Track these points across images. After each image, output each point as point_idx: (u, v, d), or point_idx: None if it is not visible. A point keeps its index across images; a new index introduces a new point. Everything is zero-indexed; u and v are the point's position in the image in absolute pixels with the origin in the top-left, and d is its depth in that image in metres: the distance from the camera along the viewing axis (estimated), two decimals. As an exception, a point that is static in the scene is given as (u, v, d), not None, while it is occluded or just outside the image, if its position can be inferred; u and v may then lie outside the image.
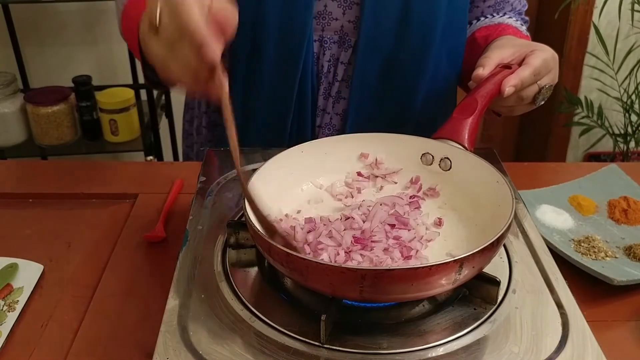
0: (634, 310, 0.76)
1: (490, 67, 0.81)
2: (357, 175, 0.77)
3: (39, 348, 0.70)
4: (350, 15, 0.90)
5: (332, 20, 0.91)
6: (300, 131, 0.96)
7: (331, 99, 0.95)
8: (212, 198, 0.78)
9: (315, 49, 0.92)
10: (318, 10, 0.90)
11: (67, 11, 2.17)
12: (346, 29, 0.91)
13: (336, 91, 0.95)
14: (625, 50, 2.21)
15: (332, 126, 0.97)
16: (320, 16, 0.90)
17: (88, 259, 0.84)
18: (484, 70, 0.80)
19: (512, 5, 1.03)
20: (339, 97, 0.95)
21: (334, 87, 0.94)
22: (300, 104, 0.94)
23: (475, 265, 0.57)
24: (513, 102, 0.82)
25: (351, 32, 0.91)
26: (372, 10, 0.88)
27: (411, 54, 0.92)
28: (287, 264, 0.57)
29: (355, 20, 0.90)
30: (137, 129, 2.02)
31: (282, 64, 0.91)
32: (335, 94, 0.95)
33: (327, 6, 0.90)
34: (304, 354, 0.56)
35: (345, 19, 0.90)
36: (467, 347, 0.57)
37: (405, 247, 0.63)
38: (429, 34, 0.91)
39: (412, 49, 0.91)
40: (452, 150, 0.74)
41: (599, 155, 2.57)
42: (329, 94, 0.95)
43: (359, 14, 0.89)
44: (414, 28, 0.90)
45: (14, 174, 1.06)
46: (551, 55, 0.82)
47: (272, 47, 0.90)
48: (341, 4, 0.90)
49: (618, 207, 0.93)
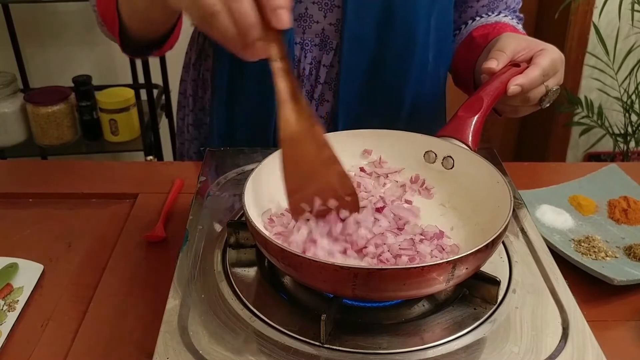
0: (634, 310, 0.76)
1: (504, 61, 0.80)
2: (359, 171, 0.77)
3: (39, 348, 0.70)
4: (331, 18, 0.90)
5: (313, 23, 0.91)
6: None
7: (314, 101, 0.95)
8: (212, 198, 0.78)
9: (296, 52, 0.92)
10: (299, 13, 0.90)
11: (67, 11, 2.17)
12: (327, 31, 0.91)
13: (319, 94, 0.95)
14: (625, 50, 2.21)
15: None
16: (300, 19, 0.90)
17: (88, 259, 0.84)
18: (497, 65, 0.79)
19: (507, 4, 1.02)
20: (322, 99, 0.95)
21: (316, 90, 0.94)
22: None
23: (469, 267, 0.57)
24: (519, 102, 0.81)
25: (332, 34, 0.91)
26: (354, 12, 0.88)
27: (396, 54, 0.92)
28: (283, 259, 0.57)
29: (336, 23, 0.90)
30: (137, 128, 2.02)
31: (264, 67, 0.91)
32: (318, 96, 0.95)
33: (307, 9, 0.90)
34: (304, 354, 0.56)
35: (327, 22, 0.90)
36: (467, 347, 0.57)
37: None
38: (412, 33, 0.91)
39: (397, 49, 0.91)
40: (455, 149, 0.74)
41: (599, 155, 2.57)
42: (311, 96, 0.95)
43: (340, 17, 0.89)
44: (396, 28, 0.89)
45: (14, 174, 1.06)
46: (558, 56, 0.81)
47: None
48: (322, 7, 0.90)
49: (618, 207, 0.93)
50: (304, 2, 0.89)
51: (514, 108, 0.84)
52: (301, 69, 0.93)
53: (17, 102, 1.93)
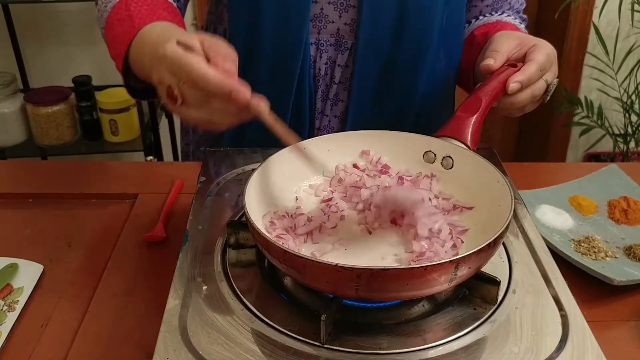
0: (634, 310, 0.76)
1: (501, 60, 0.81)
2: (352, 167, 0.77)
3: (39, 348, 0.70)
4: (347, 18, 0.90)
5: (328, 23, 0.91)
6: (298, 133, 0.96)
7: (329, 101, 0.95)
8: (212, 198, 0.78)
9: (312, 52, 0.92)
10: (314, 13, 0.90)
11: (67, 11, 2.17)
12: (342, 31, 0.91)
13: (334, 94, 0.95)
14: (625, 50, 2.21)
15: (330, 128, 0.97)
16: (316, 19, 0.90)
17: (88, 259, 0.84)
18: (495, 62, 0.80)
19: (510, 4, 1.02)
20: (337, 99, 0.95)
21: (331, 90, 0.94)
22: (297, 106, 0.94)
23: (472, 266, 0.57)
24: (525, 101, 0.81)
25: (347, 34, 0.91)
26: (369, 12, 0.88)
27: (409, 54, 0.92)
28: (285, 261, 0.57)
29: (352, 23, 0.90)
30: (137, 129, 2.02)
31: (279, 67, 0.91)
32: (333, 96, 0.95)
33: (323, 9, 0.90)
34: (304, 354, 0.56)
35: (342, 22, 0.90)
36: (467, 347, 0.57)
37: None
38: (426, 34, 0.91)
39: (410, 50, 0.91)
40: (454, 149, 0.74)
41: (599, 155, 2.57)
42: (326, 96, 0.95)
43: (355, 17, 0.89)
44: (411, 29, 0.90)
45: (14, 174, 1.06)
46: (551, 50, 0.82)
47: (269, 51, 0.90)
48: (337, 7, 0.90)
49: (618, 207, 0.93)
50: (319, 2, 0.89)
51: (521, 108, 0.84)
52: (317, 69, 0.93)
53: (17, 102, 1.94)
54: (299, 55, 0.89)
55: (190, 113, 0.64)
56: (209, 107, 0.63)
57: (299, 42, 0.89)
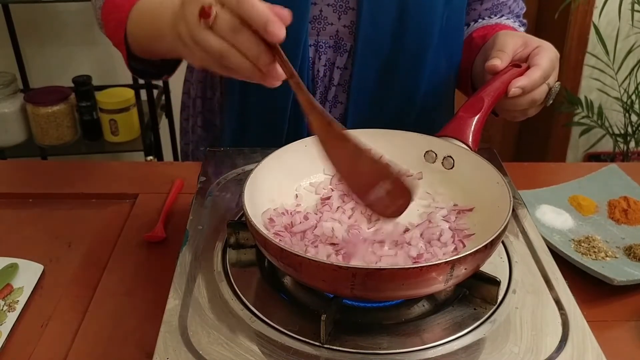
0: (634, 310, 0.76)
1: (507, 61, 0.81)
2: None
3: (39, 348, 0.70)
4: (346, 20, 0.90)
5: (327, 25, 0.91)
6: (297, 135, 0.96)
7: (328, 103, 0.95)
8: (212, 198, 0.78)
9: (311, 54, 0.92)
10: (313, 15, 0.90)
11: (67, 11, 2.17)
12: (341, 33, 0.91)
13: (333, 95, 0.94)
14: (625, 50, 2.21)
15: None
16: (315, 21, 0.90)
17: (88, 259, 0.84)
18: (501, 63, 0.80)
19: (510, 8, 1.02)
20: (336, 101, 0.95)
21: (330, 92, 0.94)
22: (296, 108, 0.94)
23: (468, 267, 0.57)
24: (526, 104, 0.81)
25: (346, 36, 0.91)
26: (369, 14, 0.87)
27: (409, 56, 0.91)
28: (282, 259, 0.57)
29: (351, 25, 0.90)
30: (137, 129, 2.02)
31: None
32: (332, 98, 0.95)
33: (322, 11, 0.90)
34: (304, 354, 0.56)
35: (341, 24, 0.90)
36: (467, 347, 0.57)
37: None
38: (426, 36, 0.91)
39: (410, 52, 0.91)
40: (455, 149, 0.74)
41: (599, 155, 2.57)
42: (325, 98, 0.95)
43: (355, 19, 0.89)
44: (411, 30, 0.89)
45: (14, 174, 1.06)
46: (554, 54, 0.82)
47: None
48: (337, 9, 0.90)
49: (618, 207, 0.93)
50: (318, 4, 0.89)
51: (523, 111, 0.84)
52: (315, 70, 0.93)
53: (17, 102, 1.94)
54: (298, 57, 0.89)
55: (210, 40, 0.58)
56: (235, 38, 0.57)
57: (298, 44, 0.88)
